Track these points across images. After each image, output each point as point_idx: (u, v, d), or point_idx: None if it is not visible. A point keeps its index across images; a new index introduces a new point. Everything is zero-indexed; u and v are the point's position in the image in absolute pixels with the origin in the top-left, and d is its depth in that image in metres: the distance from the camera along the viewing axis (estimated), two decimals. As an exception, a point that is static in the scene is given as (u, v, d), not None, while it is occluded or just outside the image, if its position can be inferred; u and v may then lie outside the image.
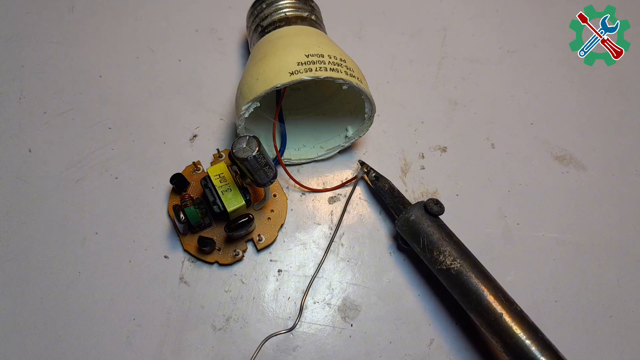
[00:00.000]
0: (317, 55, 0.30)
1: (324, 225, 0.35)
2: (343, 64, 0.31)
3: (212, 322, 0.32)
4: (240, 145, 0.28)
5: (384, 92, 0.40)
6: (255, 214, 0.34)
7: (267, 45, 0.32)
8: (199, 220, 0.32)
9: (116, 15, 0.43)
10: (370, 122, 0.34)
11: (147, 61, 0.41)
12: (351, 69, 0.31)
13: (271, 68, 0.30)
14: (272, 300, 0.33)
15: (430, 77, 0.42)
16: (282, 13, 0.34)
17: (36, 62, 0.40)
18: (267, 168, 0.29)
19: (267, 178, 0.30)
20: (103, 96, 0.39)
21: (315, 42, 0.31)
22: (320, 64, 0.30)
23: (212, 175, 0.32)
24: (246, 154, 0.28)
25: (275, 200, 0.35)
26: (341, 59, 0.31)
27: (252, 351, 0.31)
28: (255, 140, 0.28)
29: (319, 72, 0.30)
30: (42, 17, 0.42)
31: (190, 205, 0.31)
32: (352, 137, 0.36)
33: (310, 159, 0.37)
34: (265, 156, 0.29)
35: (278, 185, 0.35)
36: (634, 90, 0.42)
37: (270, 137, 0.36)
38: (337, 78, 0.30)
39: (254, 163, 0.28)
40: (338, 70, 0.30)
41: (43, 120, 0.38)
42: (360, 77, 0.32)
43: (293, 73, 0.29)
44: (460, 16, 0.45)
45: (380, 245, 0.35)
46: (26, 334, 0.31)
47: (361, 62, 0.34)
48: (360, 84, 0.31)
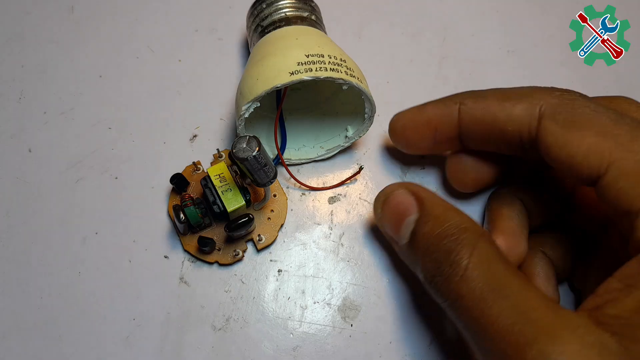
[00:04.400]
0: (317, 55, 0.30)
1: (324, 225, 0.35)
2: (343, 64, 0.31)
3: (212, 322, 0.32)
4: (241, 145, 0.28)
5: (384, 92, 0.40)
6: (255, 214, 0.34)
7: (267, 46, 0.32)
8: (199, 220, 0.32)
9: (116, 16, 0.43)
10: (370, 122, 0.34)
11: (147, 61, 0.41)
12: (351, 69, 0.31)
13: (271, 68, 0.30)
14: (272, 300, 0.33)
15: (430, 77, 0.42)
16: (282, 13, 0.34)
17: (36, 62, 0.40)
18: (268, 168, 0.29)
19: (267, 178, 0.30)
20: (103, 96, 0.39)
21: (316, 42, 0.31)
22: (320, 64, 0.30)
23: (212, 175, 0.32)
24: (246, 154, 0.28)
25: (275, 200, 0.35)
26: (341, 59, 0.31)
27: (252, 351, 0.31)
28: (255, 140, 0.28)
29: (319, 72, 0.30)
30: (42, 17, 0.42)
31: (190, 205, 0.31)
32: (352, 137, 0.36)
33: (311, 159, 0.37)
34: (265, 156, 0.29)
35: (278, 185, 0.35)
36: (634, 90, 0.42)
37: (270, 137, 0.36)
38: (337, 78, 0.30)
39: (254, 163, 0.28)
40: (338, 71, 0.30)
41: (43, 120, 0.38)
42: (360, 77, 0.32)
43: (293, 73, 0.29)
44: (461, 16, 0.45)
45: (380, 246, 0.35)
46: (26, 334, 0.31)
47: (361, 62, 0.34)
48: (360, 84, 0.31)
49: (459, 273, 0.23)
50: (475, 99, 0.29)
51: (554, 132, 0.25)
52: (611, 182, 0.23)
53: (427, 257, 0.25)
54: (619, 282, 0.21)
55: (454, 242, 0.24)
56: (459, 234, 0.24)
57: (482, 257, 0.23)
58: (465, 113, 0.29)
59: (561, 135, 0.25)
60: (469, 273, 0.23)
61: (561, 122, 0.25)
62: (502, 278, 0.22)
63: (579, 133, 0.24)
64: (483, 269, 0.23)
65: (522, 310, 0.21)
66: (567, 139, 0.25)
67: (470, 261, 0.23)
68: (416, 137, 0.32)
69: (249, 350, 0.31)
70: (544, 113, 0.26)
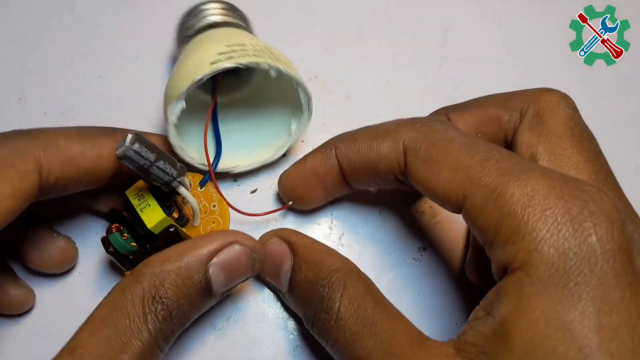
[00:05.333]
0: (239, 45, 0.30)
1: (323, 225, 0.35)
2: (266, 51, 0.30)
3: (212, 322, 0.32)
4: (120, 144, 0.24)
5: (384, 92, 0.40)
6: (194, 229, 0.31)
7: (190, 47, 0.32)
8: (129, 248, 0.28)
9: (116, 15, 0.43)
10: (309, 112, 0.33)
11: (148, 61, 0.41)
12: (276, 56, 0.30)
13: (192, 62, 0.29)
14: (272, 300, 0.33)
15: (430, 77, 0.42)
16: (209, 20, 0.34)
17: (36, 62, 0.40)
18: (163, 163, 0.26)
19: (166, 175, 0.27)
20: (103, 96, 0.39)
21: (238, 36, 0.31)
22: (242, 51, 0.29)
23: (130, 195, 0.28)
24: (123, 150, 0.24)
25: (214, 212, 0.32)
26: (265, 46, 0.31)
27: (252, 351, 0.31)
28: (133, 135, 0.24)
29: (241, 58, 0.28)
30: (42, 17, 0.42)
31: (115, 231, 0.28)
32: (296, 132, 0.34)
33: (262, 162, 0.35)
34: (155, 150, 0.26)
35: (218, 195, 0.32)
36: (634, 90, 0.42)
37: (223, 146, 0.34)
38: (262, 62, 0.29)
39: (137, 159, 0.24)
40: (260, 56, 0.29)
41: (43, 121, 0.38)
42: (287, 64, 0.31)
43: (214, 62, 0.28)
44: (461, 16, 0.45)
45: (380, 246, 0.35)
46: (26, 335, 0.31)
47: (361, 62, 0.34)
48: (288, 69, 0.30)
49: (332, 318, 0.24)
50: (346, 142, 0.29)
51: (417, 168, 0.26)
52: (468, 214, 0.24)
53: (305, 304, 0.26)
54: (482, 309, 0.22)
55: (325, 286, 0.25)
56: (330, 276, 0.25)
57: (351, 297, 0.24)
58: (341, 157, 0.29)
59: (422, 170, 0.25)
60: (340, 316, 0.24)
61: (421, 157, 0.25)
62: (371, 315, 0.23)
63: (436, 168, 0.25)
64: (353, 310, 0.24)
65: (387, 346, 0.22)
66: (427, 174, 0.25)
67: (341, 303, 0.24)
68: (307, 192, 0.32)
69: (249, 350, 0.31)
70: (407, 148, 0.26)
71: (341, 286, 0.24)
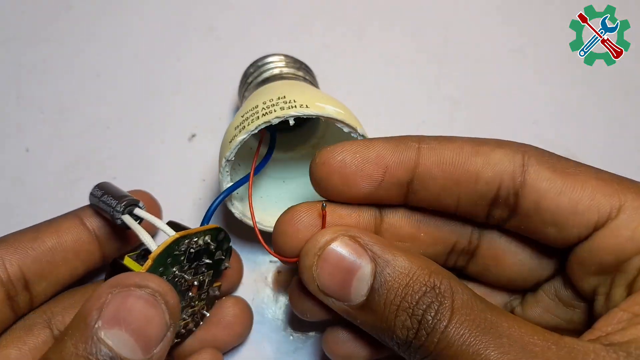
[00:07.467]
0: (280, 98, 0.27)
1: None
2: (292, 102, 0.27)
3: (212, 323, 0.32)
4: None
5: (384, 92, 0.40)
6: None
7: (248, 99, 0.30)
8: None
9: (114, 15, 0.43)
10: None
11: (145, 60, 0.41)
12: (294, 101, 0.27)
13: (229, 129, 0.28)
14: (271, 302, 0.32)
15: (431, 77, 0.42)
16: (277, 70, 0.34)
17: (34, 61, 0.40)
18: (107, 197, 0.26)
19: (109, 208, 0.26)
20: (101, 96, 0.39)
21: (289, 88, 0.29)
22: (274, 107, 0.27)
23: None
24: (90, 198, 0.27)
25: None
26: (294, 99, 0.27)
27: (252, 352, 0.31)
28: (101, 184, 0.27)
29: (271, 114, 0.26)
30: (40, 16, 0.42)
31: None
32: None
33: None
34: (112, 190, 0.27)
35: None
36: (634, 90, 0.43)
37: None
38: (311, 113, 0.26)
39: (94, 201, 0.27)
40: (289, 107, 0.27)
41: (40, 120, 0.38)
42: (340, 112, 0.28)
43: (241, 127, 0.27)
44: (461, 16, 0.45)
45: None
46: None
47: (361, 62, 0.34)
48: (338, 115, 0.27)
49: (440, 329, 0.20)
50: (440, 140, 0.25)
51: (546, 177, 0.22)
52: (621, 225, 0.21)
53: (399, 318, 0.21)
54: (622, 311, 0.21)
55: (432, 292, 0.21)
56: (433, 281, 0.21)
57: (464, 301, 0.21)
58: (427, 155, 0.24)
59: (554, 179, 0.22)
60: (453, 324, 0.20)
61: (552, 166, 0.23)
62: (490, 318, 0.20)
63: (573, 178, 0.22)
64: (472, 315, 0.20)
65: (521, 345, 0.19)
66: (559, 184, 0.22)
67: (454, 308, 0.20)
68: (357, 177, 0.24)
69: (249, 351, 0.31)
70: (529, 158, 0.23)
71: (450, 290, 0.21)
